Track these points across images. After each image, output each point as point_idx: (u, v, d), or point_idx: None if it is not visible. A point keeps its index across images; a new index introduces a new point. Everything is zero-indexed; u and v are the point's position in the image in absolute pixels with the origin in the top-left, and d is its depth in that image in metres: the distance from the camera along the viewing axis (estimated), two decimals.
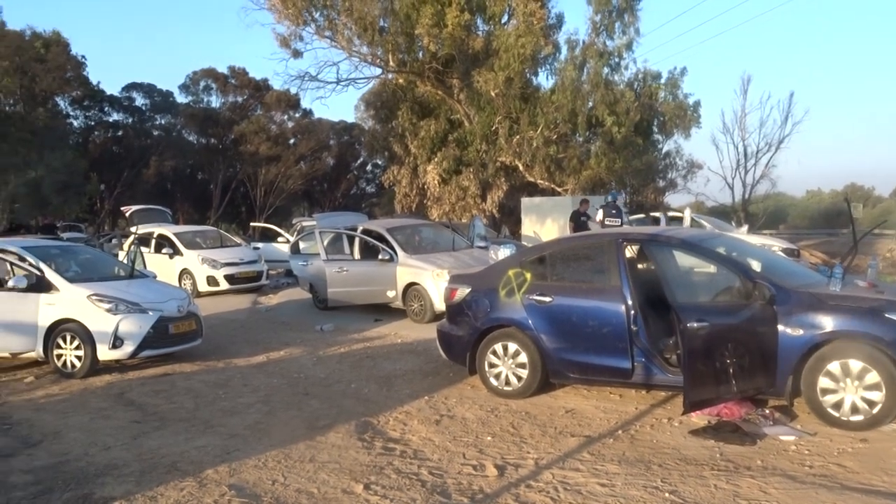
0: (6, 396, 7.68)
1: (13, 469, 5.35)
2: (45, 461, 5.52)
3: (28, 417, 6.81)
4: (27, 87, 35.83)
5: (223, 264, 16.30)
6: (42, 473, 5.24)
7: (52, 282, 8.62)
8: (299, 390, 7.59)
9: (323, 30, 24.06)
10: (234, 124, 44.32)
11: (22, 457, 5.65)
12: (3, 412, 7.03)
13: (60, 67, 37.14)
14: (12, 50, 33.93)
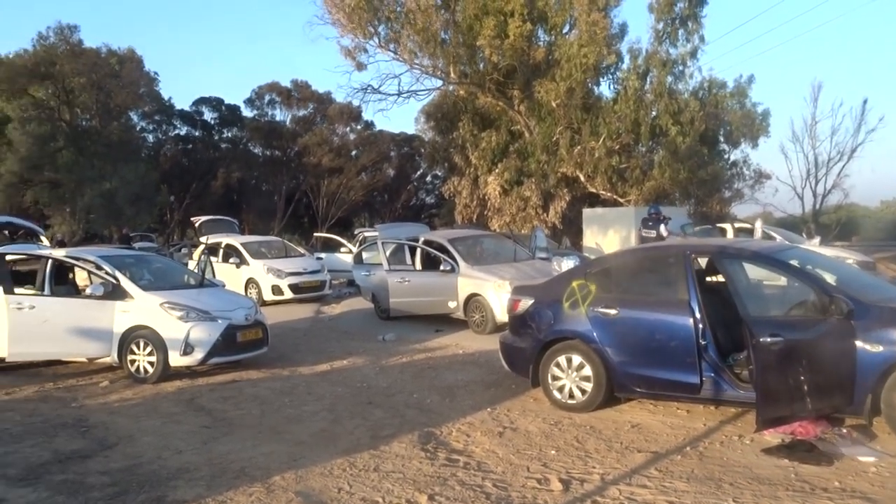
0: (83, 400, 7.98)
1: (90, 470, 5.54)
2: (121, 463, 5.69)
3: (104, 420, 7.06)
4: (103, 102, 37.39)
5: (288, 274, 16.63)
6: (118, 475, 5.41)
7: (127, 290, 8.93)
8: (363, 399, 7.66)
9: (386, 42, 24.38)
10: (297, 137, 45.28)
11: (98, 458, 5.85)
12: (81, 415, 7.30)
13: (134, 83, 38.64)
14: (89, 67, 35.48)
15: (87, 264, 9.44)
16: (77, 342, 8.86)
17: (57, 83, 35.29)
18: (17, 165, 34.24)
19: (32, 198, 35.92)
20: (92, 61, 35.72)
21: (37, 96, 35.91)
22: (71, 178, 34.65)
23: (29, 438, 6.45)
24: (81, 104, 37.43)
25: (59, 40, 35.53)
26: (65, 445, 6.21)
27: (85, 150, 35.84)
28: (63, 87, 35.64)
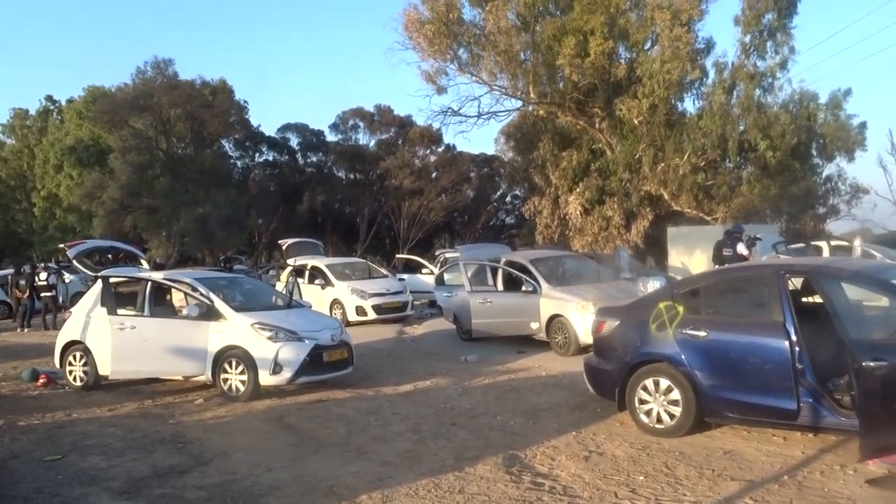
0: (180, 416, 8.32)
1: (188, 485, 5.76)
2: (215, 479, 5.90)
3: (199, 437, 7.33)
4: (196, 131, 39.12)
5: (371, 295, 16.90)
6: (213, 490, 5.60)
7: (221, 311, 9.28)
8: (447, 420, 7.68)
9: (466, 65, 24.61)
10: (380, 160, 46.11)
11: (195, 474, 6.07)
12: (178, 431, 7.61)
13: (225, 112, 40.27)
14: (184, 98, 37.25)
15: (183, 286, 9.87)
16: (174, 361, 9.26)
17: (155, 114, 37.17)
18: (118, 192, 36.15)
19: (132, 223, 37.81)
20: (187, 93, 37.49)
21: (136, 127, 37.91)
22: (167, 204, 36.35)
23: (130, 453, 6.77)
24: (177, 133, 39.29)
25: (157, 74, 37.49)
26: (163, 460, 6.48)
27: (180, 177, 37.56)
28: (160, 118, 37.51)
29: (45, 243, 45.63)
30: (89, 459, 6.56)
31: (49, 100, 51.48)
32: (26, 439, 7.41)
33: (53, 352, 10.66)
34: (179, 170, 38.05)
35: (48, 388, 10.28)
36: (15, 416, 8.39)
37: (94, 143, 41.06)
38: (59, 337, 10.59)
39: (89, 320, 10.00)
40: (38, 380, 10.53)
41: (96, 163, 39.89)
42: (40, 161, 46.93)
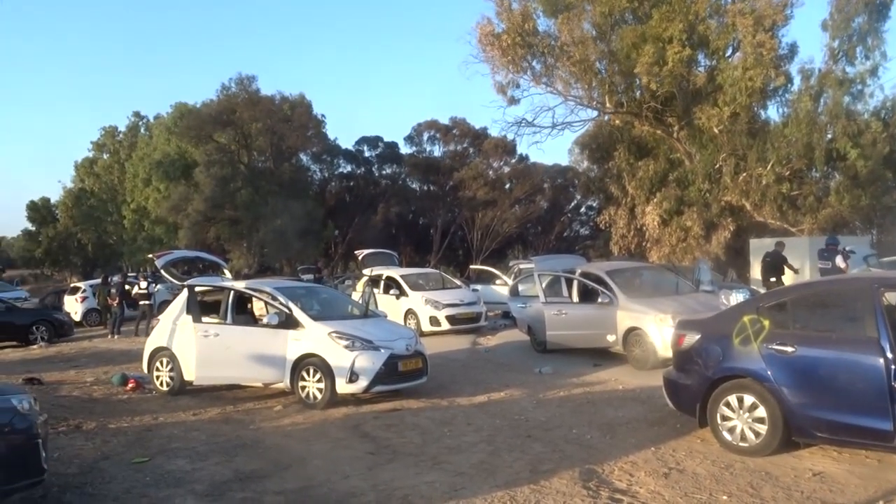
0: (259, 422, 8.53)
1: (267, 490, 5.89)
2: (294, 485, 6.01)
3: (278, 443, 7.49)
4: (276, 145, 40.33)
5: (445, 305, 16.95)
6: (291, 496, 5.71)
7: (299, 319, 9.49)
8: (521, 432, 7.61)
9: (540, 76, 24.55)
10: (453, 171, 46.38)
11: (274, 479, 6.20)
12: (258, 437, 7.80)
13: (304, 126, 41.37)
14: (265, 113, 38.50)
15: (263, 295, 10.14)
16: (255, 368, 9.51)
17: (237, 129, 38.53)
18: (202, 205, 37.58)
19: (215, 233, 39.22)
20: (267, 108, 38.71)
21: (220, 141, 39.38)
22: (248, 215, 37.55)
23: (213, 457, 6.97)
24: (258, 147, 40.60)
25: (240, 90, 38.88)
26: (244, 465, 6.65)
27: (260, 190, 38.76)
28: (242, 133, 38.85)
29: (134, 254, 47.80)
30: (175, 462, 6.79)
31: (137, 116, 54.01)
32: (116, 441, 7.73)
33: (142, 357, 11.12)
34: (260, 182, 39.26)
35: (137, 393, 10.70)
36: (106, 419, 8.78)
37: (180, 158, 42.80)
38: (147, 343, 11.04)
39: (175, 328, 10.39)
40: (128, 384, 10.98)
41: (182, 176, 41.55)
42: (130, 175, 49.25)
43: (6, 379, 10.56)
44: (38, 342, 18.42)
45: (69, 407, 9.45)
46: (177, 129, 42.40)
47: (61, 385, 11.44)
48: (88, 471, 6.51)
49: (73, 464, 6.71)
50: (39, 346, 18.02)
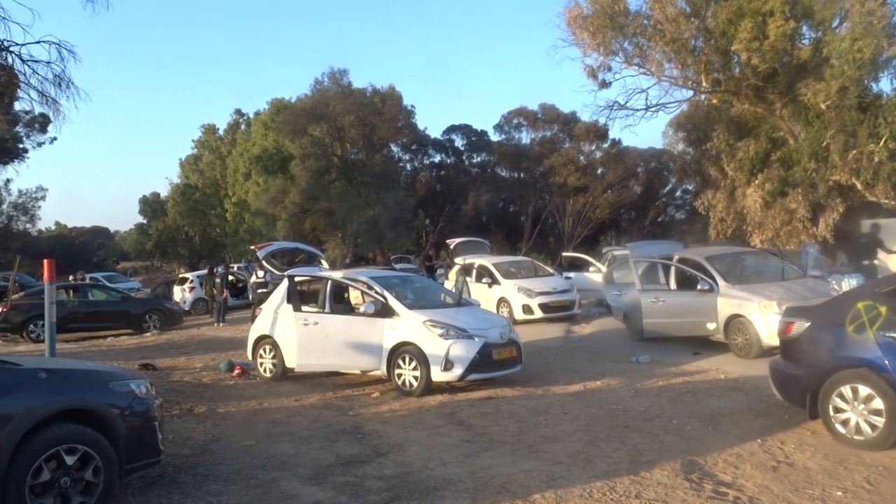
0: (358, 409, 8.73)
1: (368, 475, 6.03)
2: (393, 470, 6.12)
3: (376, 429, 7.65)
4: (368, 137, 41.00)
5: (538, 293, 16.83)
6: (391, 481, 5.82)
7: (394, 308, 9.64)
8: (619, 422, 7.49)
9: (631, 57, 23.84)
10: (543, 158, 45.93)
11: (374, 464, 6.34)
12: (357, 423, 7.99)
13: (394, 118, 41.87)
14: (357, 106, 39.18)
15: (360, 285, 10.35)
16: (353, 356, 9.75)
17: (330, 122, 39.38)
18: (298, 197, 38.69)
19: (311, 225, 40.32)
20: (359, 101, 39.39)
21: (314, 135, 40.35)
22: (342, 207, 38.39)
23: (315, 441, 7.19)
24: (350, 140, 41.40)
25: (332, 84, 39.70)
26: (345, 450, 6.82)
27: (353, 181, 39.56)
28: (335, 126, 39.68)
29: (236, 245, 49.81)
30: (279, 446, 7.05)
31: (238, 113, 56.16)
32: (225, 425, 8.09)
33: (246, 345, 11.59)
34: (352, 174, 40.07)
35: (242, 379, 11.16)
36: (215, 404, 9.20)
37: (277, 152, 44.18)
38: (251, 331, 11.49)
39: (277, 316, 10.77)
40: (234, 371, 11.47)
41: (279, 170, 42.89)
42: (231, 170, 51.28)
43: (124, 364, 11.21)
44: (151, 330, 19.50)
45: (181, 391, 9.94)
46: (273, 125, 43.74)
47: (173, 371, 12.06)
48: (200, 452, 6.84)
49: (186, 445, 7.06)
50: (152, 334, 19.06)
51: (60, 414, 4.92)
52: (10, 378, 4.88)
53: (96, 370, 5.87)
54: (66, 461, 4.79)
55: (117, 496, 5.29)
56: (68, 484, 4.80)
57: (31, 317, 17.61)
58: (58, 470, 4.76)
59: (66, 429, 4.89)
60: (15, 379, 4.91)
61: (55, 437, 4.80)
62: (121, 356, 13.99)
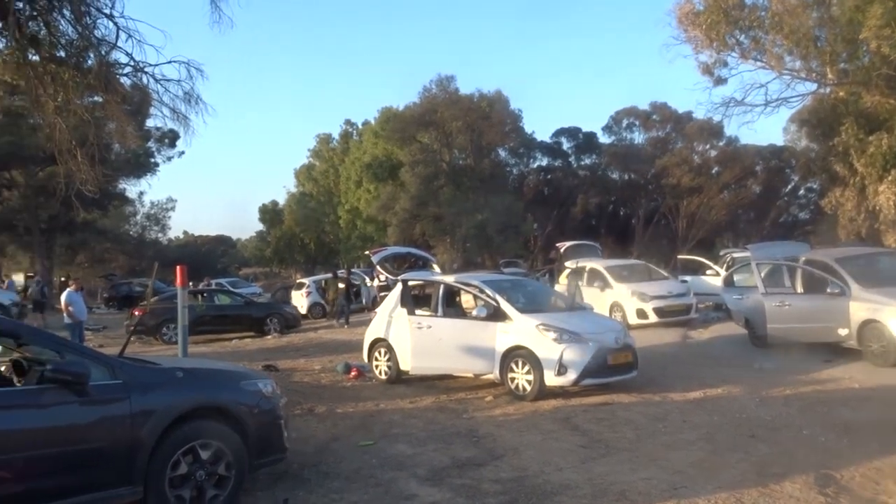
0: (472, 412, 8.78)
1: (484, 478, 6.05)
2: (509, 474, 6.12)
3: (491, 432, 7.66)
4: (475, 142, 41.34)
5: (652, 297, 16.37)
6: (507, 484, 5.82)
7: (507, 312, 9.63)
8: (744, 431, 7.18)
9: (748, 52, 22.89)
10: (655, 158, 44.72)
11: (490, 467, 6.36)
12: (471, 426, 8.03)
13: (501, 122, 41.97)
14: (464, 112, 39.58)
15: (472, 288, 10.42)
16: (465, 359, 9.82)
17: (439, 128, 40.00)
18: (408, 203, 39.48)
19: (420, 230, 41.02)
20: (466, 106, 39.78)
21: (423, 142, 41.11)
22: (450, 212, 38.86)
23: (431, 443, 7.29)
24: (458, 145, 41.88)
25: (440, 91, 40.28)
26: (460, 452, 6.88)
27: (461, 186, 39.98)
28: (443, 132, 40.27)
29: (349, 251, 51.35)
30: (396, 447, 7.19)
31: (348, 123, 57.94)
32: (344, 425, 8.33)
33: (362, 348, 11.90)
34: (461, 179, 40.48)
35: (358, 381, 11.45)
36: (334, 404, 9.49)
37: (387, 159, 45.24)
38: (366, 334, 11.79)
39: (391, 320, 11.00)
40: (350, 372, 11.79)
41: (389, 177, 43.90)
42: (343, 178, 52.97)
43: (248, 365, 11.75)
44: (272, 333, 20.35)
45: (301, 392, 10.32)
46: (383, 133, 44.87)
47: (293, 372, 12.54)
48: (322, 451, 7.08)
49: (308, 443, 7.32)
50: (273, 337, 19.89)
51: (195, 411, 5.20)
52: (151, 376, 5.22)
53: (227, 370, 6.19)
54: (201, 455, 5.07)
55: (247, 490, 5.55)
56: (203, 477, 5.07)
57: (163, 320, 18.76)
58: (194, 464, 5.04)
59: (201, 425, 5.17)
60: (155, 377, 5.24)
61: (191, 432, 5.08)
62: (245, 357, 14.68)
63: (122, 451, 4.75)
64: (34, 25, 10.44)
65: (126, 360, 5.31)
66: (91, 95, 11.76)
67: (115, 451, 4.74)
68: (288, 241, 60.69)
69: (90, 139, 11.55)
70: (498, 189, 40.27)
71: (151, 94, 11.59)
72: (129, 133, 12.78)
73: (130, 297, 34.74)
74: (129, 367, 5.12)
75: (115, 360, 5.10)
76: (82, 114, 11.20)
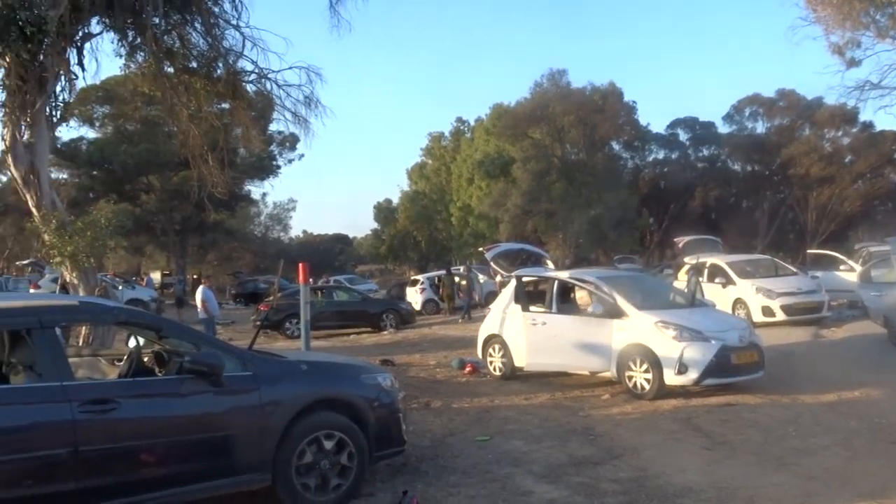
0: (588, 410, 8.65)
1: (602, 477, 5.95)
2: (628, 474, 5.99)
3: (608, 431, 7.53)
4: (588, 136, 40.69)
5: (779, 294, 15.54)
6: (627, 484, 5.70)
7: (623, 309, 9.42)
8: (884, 437, 6.71)
9: (885, 30, 21.27)
10: (780, 148, 42.51)
11: (607, 466, 6.25)
12: (587, 424, 7.92)
13: (615, 115, 41.14)
14: (576, 106, 39.04)
15: (587, 285, 10.26)
16: (581, 356, 9.68)
17: (550, 124, 39.64)
18: (520, 199, 39.38)
19: (532, 226, 40.82)
20: (579, 100, 39.23)
21: (534, 137, 40.86)
22: (563, 207, 38.45)
23: (546, 440, 7.24)
24: (570, 140, 41.37)
25: (551, 85, 39.90)
26: (577, 450, 6.79)
27: (574, 181, 39.48)
28: (555, 127, 39.87)
29: (461, 248, 51.80)
30: (512, 443, 7.18)
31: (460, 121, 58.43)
32: (459, 420, 8.41)
33: (476, 344, 11.98)
34: (573, 174, 39.98)
35: (473, 376, 11.53)
36: (449, 399, 9.60)
37: (498, 156, 45.30)
38: (480, 330, 11.85)
39: (505, 316, 11.00)
40: (465, 368, 11.89)
41: (501, 174, 43.93)
42: (455, 176, 53.48)
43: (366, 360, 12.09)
44: (388, 328, 20.82)
45: (418, 386, 10.50)
46: (495, 130, 44.95)
47: (409, 367, 12.78)
48: (438, 445, 7.18)
49: (425, 437, 7.44)
50: (389, 332, 20.34)
51: (319, 402, 5.40)
52: (278, 369, 5.46)
53: (348, 364, 6.40)
54: (325, 446, 5.25)
55: (367, 481, 5.71)
56: (327, 466, 5.26)
57: (286, 315, 19.59)
58: (318, 453, 5.23)
59: (325, 416, 5.37)
60: (282, 370, 5.49)
61: (316, 423, 5.28)
62: (363, 352, 15.10)
63: (253, 439, 5.01)
64: (169, 39, 11.17)
65: (256, 353, 5.57)
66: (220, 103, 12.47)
67: (246, 439, 5.00)
68: (402, 238, 61.93)
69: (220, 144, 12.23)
70: (612, 183, 39.45)
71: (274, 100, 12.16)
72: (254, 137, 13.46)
73: (256, 294, 36.53)
74: (259, 360, 5.38)
75: (246, 353, 5.38)
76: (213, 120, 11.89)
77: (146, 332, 5.63)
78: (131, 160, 38.13)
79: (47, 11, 9.01)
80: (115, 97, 35.30)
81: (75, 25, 10.33)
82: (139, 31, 10.72)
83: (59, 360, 4.66)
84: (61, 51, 10.22)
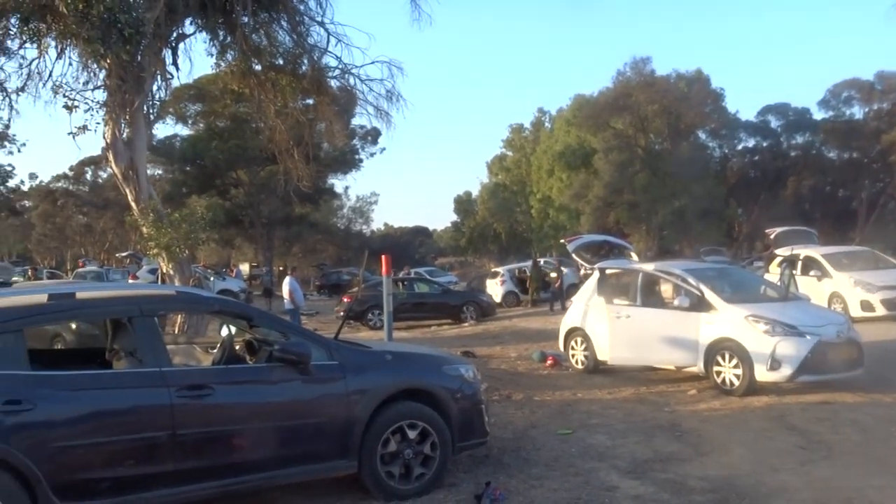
0: (674, 405, 8.45)
1: (689, 474, 5.80)
2: (717, 471, 5.82)
3: (695, 427, 7.32)
4: (673, 125, 39.62)
5: (880, 287, 14.76)
6: (716, 482, 5.54)
7: (711, 302, 9.13)
8: None
9: None
10: (881, 134, 40.24)
11: (695, 463, 6.09)
12: (673, 419, 7.73)
13: (701, 103, 39.88)
14: (660, 94, 38.07)
15: (673, 277, 9.99)
16: (666, 350, 9.45)
17: (633, 113, 38.80)
18: (602, 190, 38.76)
19: (614, 218, 40.12)
20: (663, 88, 38.23)
21: (617, 127, 40.09)
22: (646, 199, 37.61)
23: (631, 435, 7.11)
24: (654, 129, 40.39)
25: (634, 74, 39.02)
26: (663, 446, 6.65)
27: (658, 172, 38.52)
28: (638, 116, 39.00)
29: (541, 240, 51.43)
30: (595, 437, 7.09)
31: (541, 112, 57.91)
32: (541, 413, 8.36)
33: (557, 336, 11.87)
34: (657, 164, 39.05)
35: (554, 369, 11.43)
36: (531, 392, 9.56)
37: (579, 147, 44.68)
38: (562, 323, 11.73)
39: (588, 309, 10.85)
40: (546, 361, 11.80)
41: (582, 165, 43.34)
42: (535, 167, 53.09)
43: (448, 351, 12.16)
44: (468, 320, 20.90)
45: (499, 378, 10.49)
46: (576, 120, 44.32)
47: (490, 359, 12.79)
48: (520, 437, 7.16)
49: (507, 429, 7.43)
50: (469, 324, 20.43)
51: (403, 392, 5.47)
52: (364, 358, 5.57)
53: (431, 354, 6.45)
54: (408, 435, 5.33)
55: (450, 471, 5.75)
56: (411, 455, 5.33)
57: (369, 306, 19.94)
58: (402, 442, 5.31)
59: (409, 406, 5.43)
60: (368, 359, 5.59)
61: (400, 413, 5.36)
62: (444, 344, 15.20)
63: (339, 427, 5.13)
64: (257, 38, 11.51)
65: (341, 342, 5.70)
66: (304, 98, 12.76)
67: (332, 426, 5.13)
68: (481, 230, 61.94)
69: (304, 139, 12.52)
70: (698, 173, 38.27)
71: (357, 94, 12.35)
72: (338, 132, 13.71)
73: (339, 285, 37.38)
74: (345, 350, 5.49)
75: (332, 343, 5.50)
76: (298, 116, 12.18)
77: (238, 322, 5.83)
78: (221, 156, 39.54)
79: (144, 14, 9.42)
80: (207, 95, 36.63)
81: (170, 27, 10.78)
82: (229, 31, 11.09)
83: (158, 347, 4.89)
84: (157, 51, 10.68)
